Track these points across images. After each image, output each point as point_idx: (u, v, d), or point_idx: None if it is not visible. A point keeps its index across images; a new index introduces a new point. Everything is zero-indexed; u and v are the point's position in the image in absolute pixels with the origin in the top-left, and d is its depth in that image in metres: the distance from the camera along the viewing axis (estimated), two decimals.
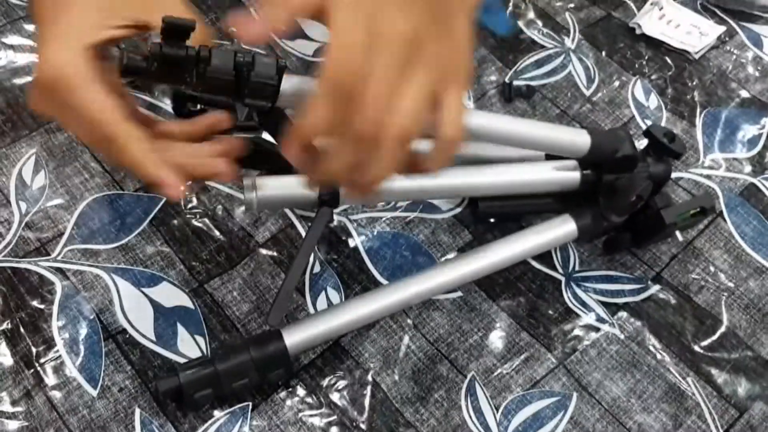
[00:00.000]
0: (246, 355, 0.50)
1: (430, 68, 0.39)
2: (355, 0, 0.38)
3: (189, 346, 0.54)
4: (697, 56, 0.76)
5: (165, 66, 0.41)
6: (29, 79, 0.67)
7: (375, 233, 0.61)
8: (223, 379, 0.50)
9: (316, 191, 0.52)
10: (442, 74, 0.40)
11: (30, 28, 0.69)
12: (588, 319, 0.58)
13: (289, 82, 0.43)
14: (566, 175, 0.56)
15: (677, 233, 0.59)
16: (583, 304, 0.59)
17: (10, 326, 0.54)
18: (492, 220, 0.62)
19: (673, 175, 0.67)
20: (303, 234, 0.61)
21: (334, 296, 0.58)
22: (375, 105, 0.37)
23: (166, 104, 0.66)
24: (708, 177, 0.67)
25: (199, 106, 0.63)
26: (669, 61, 0.75)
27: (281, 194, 0.53)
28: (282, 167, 0.56)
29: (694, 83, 0.74)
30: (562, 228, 0.57)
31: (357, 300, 0.55)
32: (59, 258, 0.57)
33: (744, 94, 0.73)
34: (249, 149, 0.60)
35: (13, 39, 0.69)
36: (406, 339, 0.56)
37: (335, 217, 0.62)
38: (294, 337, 0.52)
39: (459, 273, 0.56)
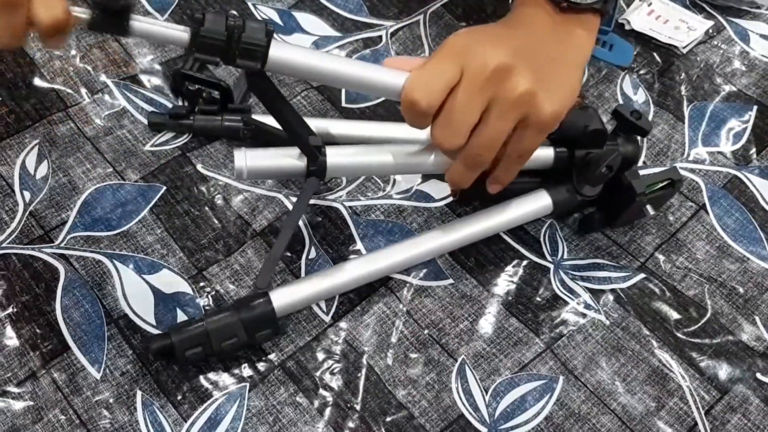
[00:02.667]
0: (235, 316, 0.53)
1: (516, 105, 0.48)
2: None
3: None
4: (684, 51, 0.77)
5: (105, 15, 0.42)
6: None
7: (369, 221, 0.63)
8: (212, 337, 0.52)
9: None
10: (526, 113, 0.48)
11: None
12: (575, 305, 0.60)
13: (277, 48, 0.46)
14: (541, 153, 0.59)
15: (649, 208, 0.61)
16: (571, 291, 0.61)
17: (15, 310, 0.56)
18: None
19: (657, 169, 0.69)
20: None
21: None
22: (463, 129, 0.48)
23: (162, 98, 0.68)
24: (692, 171, 0.68)
25: (197, 86, 0.65)
26: (657, 56, 0.77)
27: (270, 164, 0.55)
28: (270, 141, 0.58)
29: (681, 78, 0.75)
30: (538, 202, 0.61)
31: (343, 264, 0.58)
32: (62, 245, 0.59)
33: (730, 88, 0.75)
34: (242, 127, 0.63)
35: None
36: (399, 324, 0.58)
37: (332, 204, 0.63)
38: (281, 299, 0.54)
39: (444, 240, 0.59)
